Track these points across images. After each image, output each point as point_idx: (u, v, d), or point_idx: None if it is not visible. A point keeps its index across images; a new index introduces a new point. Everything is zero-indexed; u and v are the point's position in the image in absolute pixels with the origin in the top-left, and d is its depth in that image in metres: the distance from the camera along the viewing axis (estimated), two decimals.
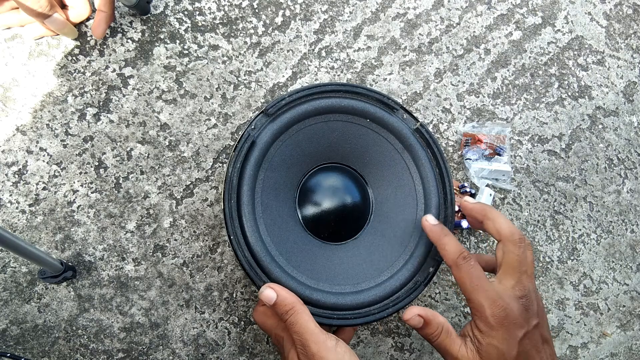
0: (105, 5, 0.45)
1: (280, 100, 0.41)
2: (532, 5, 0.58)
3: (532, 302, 0.37)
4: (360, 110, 0.43)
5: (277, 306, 0.36)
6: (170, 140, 0.49)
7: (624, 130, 0.59)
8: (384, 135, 0.44)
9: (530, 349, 0.36)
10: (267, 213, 0.42)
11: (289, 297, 0.36)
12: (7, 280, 0.45)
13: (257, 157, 0.41)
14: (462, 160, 0.54)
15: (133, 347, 0.47)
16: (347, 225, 0.46)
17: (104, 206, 0.47)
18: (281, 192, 0.44)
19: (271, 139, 0.42)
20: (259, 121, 0.41)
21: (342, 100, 0.43)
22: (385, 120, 0.44)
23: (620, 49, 0.60)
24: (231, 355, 0.48)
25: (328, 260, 0.44)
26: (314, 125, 0.43)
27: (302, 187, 0.46)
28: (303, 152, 0.44)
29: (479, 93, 0.56)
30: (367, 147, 0.45)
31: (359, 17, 0.54)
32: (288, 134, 0.43)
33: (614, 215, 0.58)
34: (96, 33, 0.46)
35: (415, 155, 0.44)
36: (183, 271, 0.48)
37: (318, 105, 0.42)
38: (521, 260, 0.37)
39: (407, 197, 0.44)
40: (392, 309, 0.41)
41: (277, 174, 0.43)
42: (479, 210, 0.41)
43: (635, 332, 0.57)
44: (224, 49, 0.51)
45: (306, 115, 0.43)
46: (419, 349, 0.52)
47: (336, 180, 0.46)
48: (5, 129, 0.46)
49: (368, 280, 0.42)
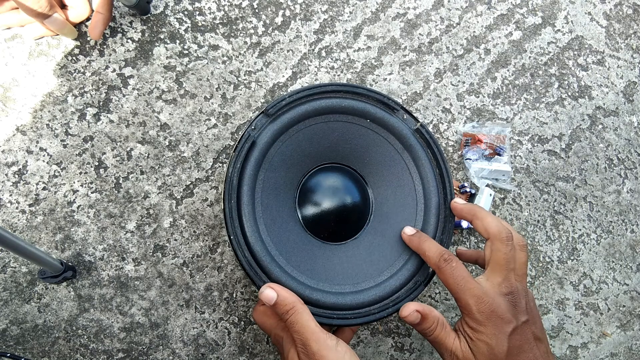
0: (103, 7, 0.45)
1: (280, 101, 0.41)
2: (532, 5, 0.58)
3: (520, 299, 0.37)
4: (360, 111, 0.43)
5: (278, 306, 0.36)
6: (170, 140, 0.49)
7: (624, 130, 0.59)
8: (384, 135, 0.44)
9: (522, 344, 0.37)
10: (267, 213, 0.42)
11: (289, 297, 0.37)
12: (7, 280, 0.45)
13: (257, 158, 0.41)
14: (462, 160, 0.54)
15: (133, 347, 0.47)
16: (347, 226, 0.46)
17: (104, 206, 0.47)
18: (281, 192, 0.44)
19: (271, 139, 0.42)
20: (259, 121, 0.41)
21: (343, 100, 0.43)
22: (385, 120, 0.44)
23: (620, 49, 0.60)
24: (231, 355, 0.48)
25: (328, 260, 0.44)
26: (314, 126, 0.43)
27: (302, 187, 0.46)
28: (303, 153, 0.44)
29: (479, 93, 0.56)
30: (367, 148, 0.45)
31: (359, 17, 0.54)
32: (288, 134, 0.43)
33: (614, 215, 0.58)
34: (93, 34, 0.46)
35: (416, 156, 0.44)
36: (183, 271, 0.48)
37: (318, 105, 0.42)
38: (508, 259, 0.38)
39: (407, 197, 0.44)
40: (392, 309, 0.41)
41: (277, 174, 0.43)
42: (467, 210, 0.41)
43: (635, 332, 0.57)
44: (224, 49, 0.51)
45: (306, 115, 0.43)
46: (419, 349, 0.52)
47: (336, 180, 0.46)
48: (5, 129, 0.46)
49: (368, 280, 0.42)
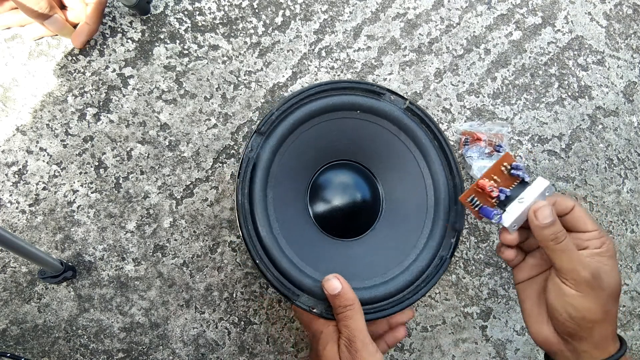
0: (91, 19, 0.46)
1: (269, 116, 0.42)
2: (532, 5, 0.58)
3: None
4: (349, 104, 0.44)
5: (339, 298, 0.38)
6: (170, 140, 0.49)
7: (624, 130, 0.59)
8: (378, 122, 0.45)
9: (612, 309, 0.37)
10: (285, 229, 0.42)
11: (351, 293, 0.38)
12: (7, 280, 0.45)
13: (262, 178, 0.41)
14: (462, 160, 0.54)
15: (133, 347, 0.47)
16: (361, 219, 0.47)
17: (104, 206, 0.47)
18: (291, 203, 0.44)
19: (271, 155, 0.42)
20: (254, 141, 0.41)
21: (330, 99, 0.43)
22: (375, 107, 0.44)
23: (620, 49, 0.60)
24: (231, 355, 0.48)
25: (350, 258, 0.44)
26: (309, 131, 0.44)
27: (311, 192, 0.46)
28: (304, 159, 0.45)
29: (479, 93, 0.56)
30: (364, 137, 0.45)
31: (359, 17, 0.54)
32: (285, 145, 0.43)
33: (614, 215, 0.58)
34: (75, 42, 0.47)
35: (412, 135, 0.44)
36: (183, 271, 0.48)
37: (308, 110, 0.43)
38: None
39: (414, 178, 0.45)
40: (425, 289, 0.42)
41: (285, 187, 0.43)
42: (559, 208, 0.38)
43: (635, 332, 0.57)
44: (224, 49, 0.51)
45: (299, 122, 0.43)
46: (419, 349, 0.52)
47: (343, 177, 0.47)
48: (5, 129, 0.46)
49: (395, 268, 0.43)
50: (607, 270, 0.36)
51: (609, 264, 0.36)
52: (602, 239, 0.37)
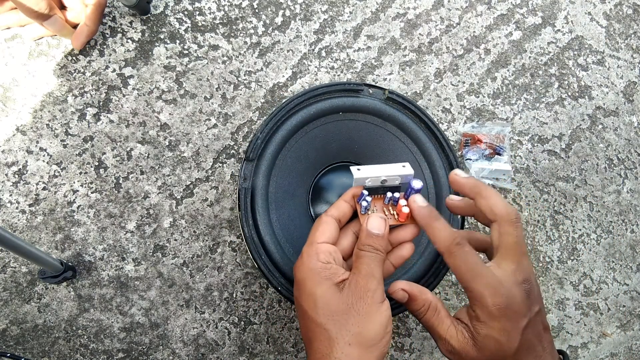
0: (90, 20, 0.46)
1: (255, 142, 0.42)
2: (532, 5, 0.58)
3: (534, 287, 0.35)
4: (329, 109, 0.44)
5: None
6: (170, 140, 0.49)
7: (624, 130, 0.59)
8: (362, 118, 0.45)
9: (532, 338, 0.34)
10: (297, 247, 0.42)
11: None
12: (7, 280, 0.45)
13: (262, 204, 0.41)
14: (462, 161, 0.54)
15: (133, 347, 0.47)
16: None
17: (104, 206, 0.47)
18: (297, 220, 0.44)
19: (266, 179, 0.42)
20: (245, 170, 0.42)
21: (309, 108, 0.44)
22: (356, 104, 0.44)
23: (620, 49, 0.60)
24: (231, 355, 0.48)
25: None
26: (297, 144, 0.44)
27: (312, 199, 0.46)
28: (299, 173, 0.45)
29: (479, 93, 0.56)
30: (352, 136, 0.46)
31: (359, 17, 0.54)
32: (277, 167, 0.43)
33: (614, 215, 0.58)
34: (74, 43, 0.47)
35: (397, 122, 0.45)
36: (183, 271, 0.48)
37: (291, 125, 0.43)
38: (520, 242, 0.35)
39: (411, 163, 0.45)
40: (439, 278, 0.43)
41: (287, 206, 0.44)
42: (471, 186, 0.36)
43: (635, 332, 0.57)
44: (224, 49, 0.51)
45: (285, 139, 0.43)
46: (419, 349, 0.52)
47: (341, 179, 0.47)
48: (5, 129, 0.46)
49: (398, 268, 0.43)
50: None
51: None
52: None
